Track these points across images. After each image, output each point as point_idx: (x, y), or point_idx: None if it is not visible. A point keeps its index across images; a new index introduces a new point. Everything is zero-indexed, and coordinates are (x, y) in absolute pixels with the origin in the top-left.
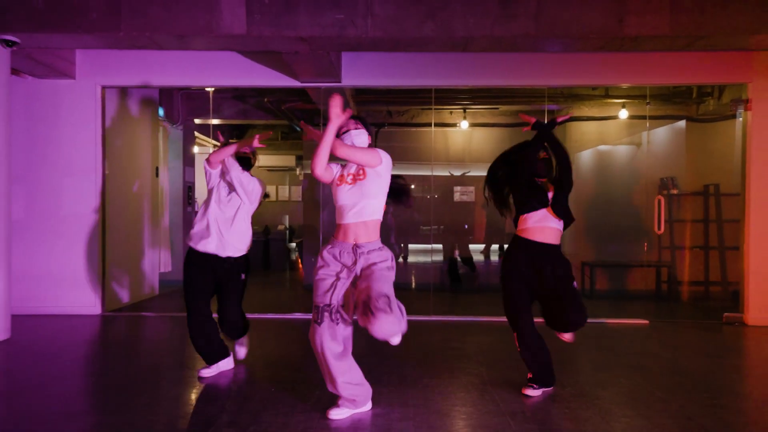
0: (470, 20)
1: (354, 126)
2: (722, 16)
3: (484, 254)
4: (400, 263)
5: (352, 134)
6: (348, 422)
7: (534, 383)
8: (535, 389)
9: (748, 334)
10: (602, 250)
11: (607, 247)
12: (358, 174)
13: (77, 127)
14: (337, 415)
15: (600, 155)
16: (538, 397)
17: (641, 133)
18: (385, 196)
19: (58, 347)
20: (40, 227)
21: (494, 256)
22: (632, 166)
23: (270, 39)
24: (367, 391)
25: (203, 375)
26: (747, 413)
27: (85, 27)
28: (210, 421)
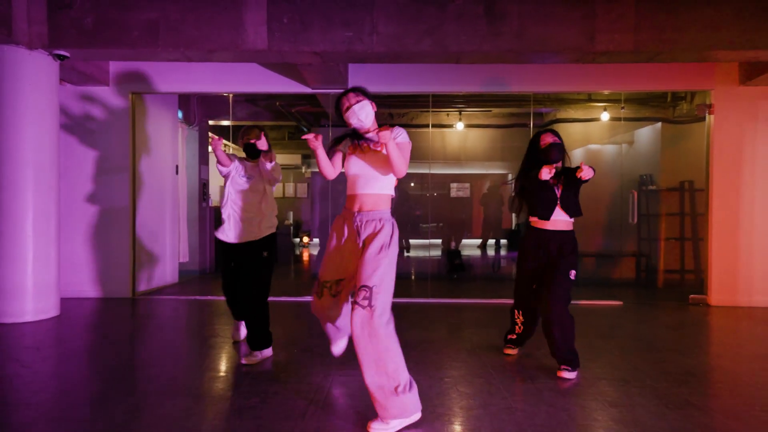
0: (462, 37)
1: (355, 100)
2: (678, 35)
3: (480, 248)
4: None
5: (355, 110)
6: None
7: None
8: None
9: (709, 312)
10: (586, 242)
11: (590, 239)
12: (377, 145)
13: (110, 130)
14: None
15: (584, 154)
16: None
17: (621, 134)
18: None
19: (99, 322)
20: (78, 220)
21: (490, 251)
22: (614, 165)
23: (288, 53)
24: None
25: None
26: (684, 365)
27: (127, 44)
28: (236, 384)
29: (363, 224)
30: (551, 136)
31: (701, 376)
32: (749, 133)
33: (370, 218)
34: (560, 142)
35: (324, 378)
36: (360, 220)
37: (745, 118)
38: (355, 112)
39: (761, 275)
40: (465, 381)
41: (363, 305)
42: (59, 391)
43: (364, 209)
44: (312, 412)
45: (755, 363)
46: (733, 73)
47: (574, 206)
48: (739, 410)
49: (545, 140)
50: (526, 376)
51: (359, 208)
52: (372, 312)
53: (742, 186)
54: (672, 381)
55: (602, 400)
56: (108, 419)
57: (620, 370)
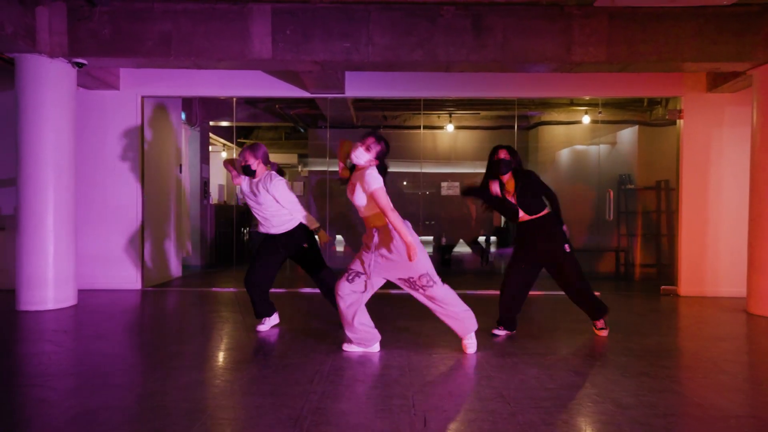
0: (451, 49)
1: (364, 146)
2: (647, 48)
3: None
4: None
5: (358, 150)
6: (356, 356)
7: (501, 325)
8: (501, 330)
9: (677, 301)
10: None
11: (573, 235)
12: (352, 184)
13: (121, 132)
14: (348, 348)
15: (567, 155)
16: (501, 337)
17: (604, 135)
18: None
19: (114, 311)
20: (92, 217)
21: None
22: (595, 165)
23: (290, 62)
24: (375, 335)
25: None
26: (645, 344)
27: (142, 53)
28: (249, 358)
29: (379, 240)
30: (503, 152)
31: (659, 353)
32: (716, 136)
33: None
34: (509, 159)
35: (327, 354)
36: (377, 235)
37: (712, 122)
38: (356, 152)
39: (726, 268)
40: (452, 358)
41: (430, 284)
42: (95, 363)
43: (377, 225)
44: (318, 378)
45: (710, 342)
46: (701, 80)
47: (533, 206)
48: (685, 377)
49: (497, 156)
50: (504, 352)
51: (369, 229)
52: (436, 285)
53: (710, 185)
54: (631, 356)
55: (568, 370)
56: (143, 386)
57: (588, 348)
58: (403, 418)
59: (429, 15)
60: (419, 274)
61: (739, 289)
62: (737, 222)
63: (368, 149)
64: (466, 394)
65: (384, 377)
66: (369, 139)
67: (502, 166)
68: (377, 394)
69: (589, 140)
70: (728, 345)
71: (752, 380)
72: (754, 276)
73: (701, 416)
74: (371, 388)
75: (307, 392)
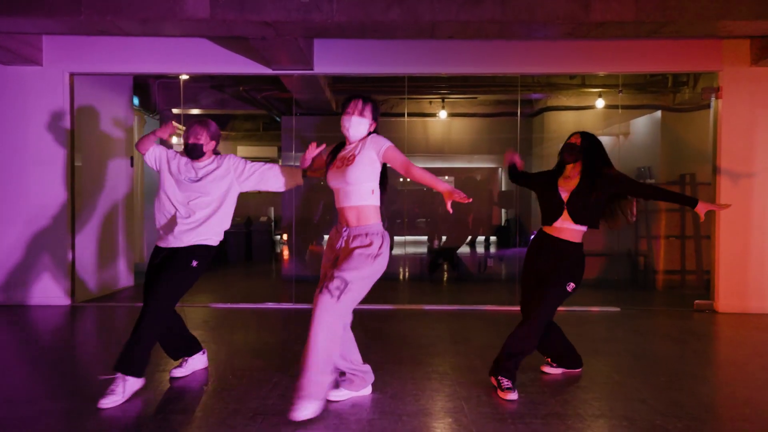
0: (436, 5)
1: (357, 111)
2: (685, 3)
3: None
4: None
5: (351, 120)
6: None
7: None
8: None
9: (717, 320)
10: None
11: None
12: (347, 158)
13: (44, 115)
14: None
15: None
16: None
17: (619, 124)
18: (375, 181)
19: (12, 337)
20: (6, 216)
21: (480, 248)
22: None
23: (234, 23)
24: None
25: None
26: (700, 395)
27: (44, 11)
28: (186, 408)
29: (351, 239)
30: (576, 137)
31: (720, 411)
32: (762, 119)
33: (357, 233)
34: (578, 145)
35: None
36: (348, 235)
37: (756, 102)
38: (351, 123)
39: None
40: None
41: (333, 293)
42: None
43: (351, 224)
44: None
45: None
46: (744, 51)
47: (584, 217)
48: None
49: (570, 139)
50: (513, 414)
51: (346, 223)
52: (337, 304)
53: (754, 179)
54: (688, 419)
55: None
56: None
57: (620, 401)
58: None
59: None
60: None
61: None
62: None
63: (362, 114)
64: None
65: None
66: (355, 103)
67: (566, 153)
68: None
69: (604, 128)
70: None
71: None
72: None
73: None
74: None
75: None
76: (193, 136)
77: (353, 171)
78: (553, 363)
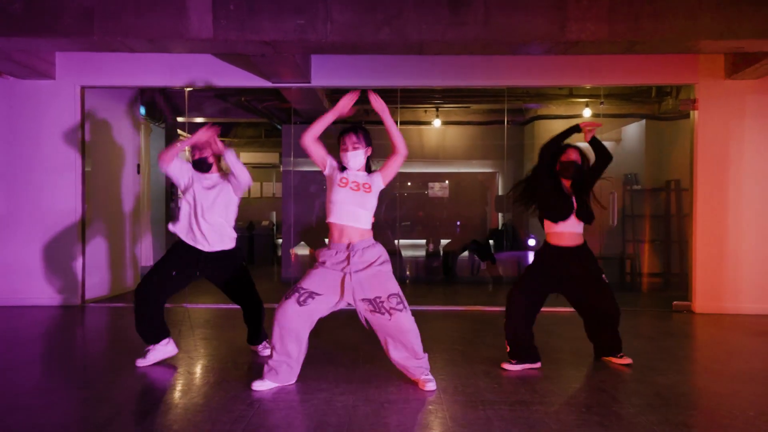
0: (423, 26)
1: (352, 147)
2: (655, 24)
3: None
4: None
5: (348, 155)
6: (284, 405)
7: (512, 358)
8: (513, 364)
9: (693, 320)
10: None
11: None
12: (365, 186)
13: (57, 126)
14: (259, 386)
15: None
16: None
17: (608, 131)
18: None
19: (32, 336)
20: (22, 222)
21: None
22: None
23: (236, 43)
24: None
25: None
26: (658, 386)
27: (60, 32)
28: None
29: (360, 252)
30: (575, 153)
31: (675, 401)
32: (736, 129)
33: (363, 246)
34: (579, 164)
35: (249, 405)
36: (356, 250)
37: (731, 113)
38: (349, 158)
39: (749, 281)
40: (407, 409)
41: (399, 309)
42: None
43: (353, 240)
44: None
45: (738, 384)
46: (719, 65)
47: (589, 215)
48: None
49: (568, 156)
50: (479, 401)
51: (349, 241)
52: (406, 311)
53: (729, 185)
54: (641, 405)
55: (557, 430)
56: None
57: (586, 391)
58: None
59: None
60: (389, 294)
61: (764, 305)
62: (762, 227)
63: (356, 147)
64: None
65: None
66: (349, 137)
67: (573, 170)
68: None
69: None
70: (762, 389)
71: None
72: None
73: None
74: None
75: None
76: (198, 153)
77: (372, 200)
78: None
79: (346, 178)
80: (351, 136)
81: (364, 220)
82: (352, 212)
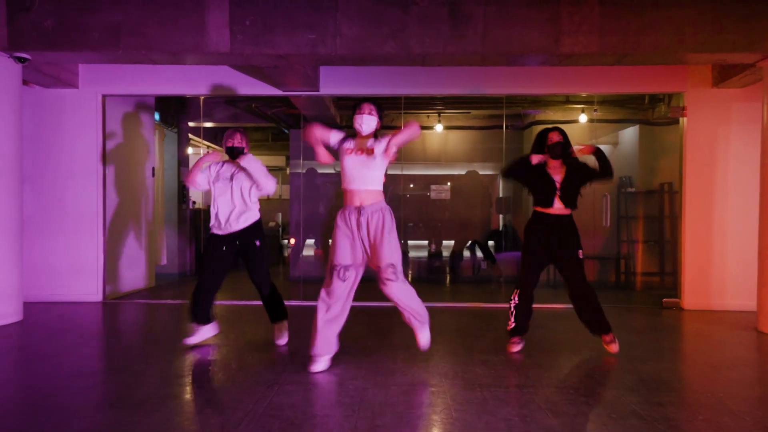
0: (426, 40)
1: (368, 111)
2: (643, 38)
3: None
4: None
5: (363, 117)
6: (302, 390)
7: (515, 335)
8: (518, 342)
9: (681, 316)
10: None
11: None
12: (369, 150)
13: (79, 132)
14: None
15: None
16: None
17: (606, 135)
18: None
19: (63, 328)
20: (47, 223)
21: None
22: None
23: (251, 56)
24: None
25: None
26: (641, 372)
27: (89, 46)
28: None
29: (368, 217)
30: (557, 134)
31: (656, 385)
32: (722, 135)
33: (373, 210)
34: (563, 141)
35: (269, 387)
36: (365, 214)
37: (718, 120)
38: (363, 120)
39: (734, 278)
40: (413, 391)
41: (393, 279)
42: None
43: (365, 204)
44: (248, 420)
45: (716, 371)
46: (706, 75)
47: (572, 201)
48: (683, 419)
49: (551, 139)
50: (476, 384)
51: (360, 203)
52: (399, 281)
53: (716, 189)
54: (624, 388)
55: (546, 409)
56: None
57: (576, 377)
58: None
59: (401, 3)
60: (386, 263)
61: (748, 302)
62: (746, 228)
63: (371, 113)
64: None
65: (328, 419)
66: (365, 105)
67: (560, 149)
68: None
69: (588, 140)
70: (736, 374)
71: (762, 423)
72: (764, 291)
73: None
74: None
75: None
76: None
77: (375, 161)
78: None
79: (350, 147)
80: (369, 104)
81: (371, 182)
82: (359, 176)
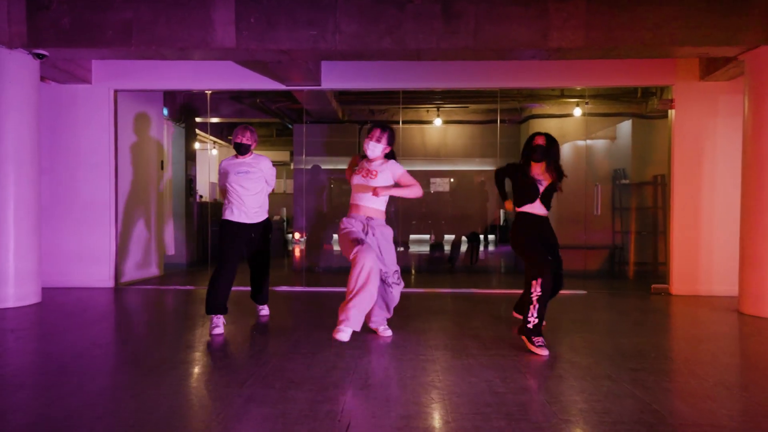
0: (420, 36)
1: (376, 138)
2: (627, 33)
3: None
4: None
5: (370, 144)
6: (301, 357)
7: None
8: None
9: (669, 301)
10: (564, 234)
11: (568, 231)
12: (373, 173)
13: (93, 126)
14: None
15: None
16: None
17: (597, 130)
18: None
19: (79, 309)
20: (62, 213)
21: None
22: (593, 159)
23: (255, 51)
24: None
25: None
26: (620, 345)
27: (103, 43)
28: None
29: (374, 228)
30: (541, 138)
31: (630, 355)
32: (709, 127)
33: (378, 224)
34: (545, 146)
35: (273, 355)
36: (371, 226)
37: (705, 113)
38: (369, 147)
39: (720, 265)
40: (406, 359)
41: (398, 283)
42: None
43: (372, 217)
44: (252, 380)
45: (690, 344)
46: (694, 68)
47: (550, 203)
48: (651, 381)
49: (535, 141)
50: (463, 353)
51: (367, 215)
52: (401, 285)
53: (703, 180)
54: (599, 357)
55: (525, 372)
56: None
57: (556, 348)
58: (325, 425)
59: (397, 1)
60: (393, 270)
61: (733, 287)
62: (732, 217)
63: (379, 140)
64: (404, 400)
65: (323, 380)
66: (375, 131)
67: (539, 152)
68: (307, 397)
69: (584, 134)
70: (709, 346)
71: (724, 385)
72: (745, 274)
73: (653, 423)
74: (305, 392)
75: (231, 396)
76: (245, 137)
77: (376, 184)
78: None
79: (361, 166)
80: (378, 131)
81: (372, 201)
82: (363, 194)
